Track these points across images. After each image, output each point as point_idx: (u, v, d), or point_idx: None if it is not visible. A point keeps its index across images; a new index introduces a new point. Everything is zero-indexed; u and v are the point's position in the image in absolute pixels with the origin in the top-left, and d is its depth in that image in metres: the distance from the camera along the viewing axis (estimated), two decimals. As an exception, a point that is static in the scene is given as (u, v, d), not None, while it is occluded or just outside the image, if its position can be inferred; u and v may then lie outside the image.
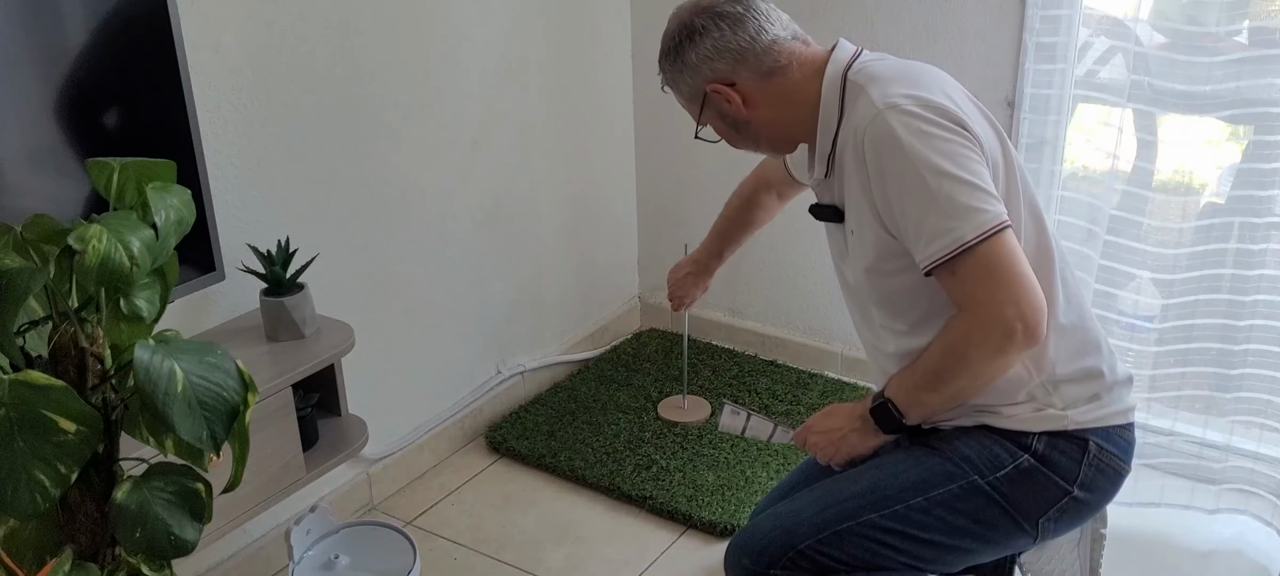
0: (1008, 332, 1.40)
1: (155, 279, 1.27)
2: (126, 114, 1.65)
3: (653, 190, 3.08)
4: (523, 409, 2.77)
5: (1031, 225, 1.53)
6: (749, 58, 1.54)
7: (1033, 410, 1.54)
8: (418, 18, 2.29)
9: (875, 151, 1.44)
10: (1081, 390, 1.56)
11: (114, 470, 1.23)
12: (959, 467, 1.55)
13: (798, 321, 2.95)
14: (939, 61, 2.48)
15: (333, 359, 1.95)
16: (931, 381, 1.50)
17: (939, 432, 1.60)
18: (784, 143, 1.64)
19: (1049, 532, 1.59)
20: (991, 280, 1.40)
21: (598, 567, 2.23)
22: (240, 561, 2.15)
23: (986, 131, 1.49)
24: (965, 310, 1.44)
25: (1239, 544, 2.22)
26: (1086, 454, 1.54)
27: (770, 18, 1.56)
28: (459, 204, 2.51)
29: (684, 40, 1.56)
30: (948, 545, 1.56)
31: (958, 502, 1.54)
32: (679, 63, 1.58)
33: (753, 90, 1.56)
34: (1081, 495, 1.55)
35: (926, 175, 1.40)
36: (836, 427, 1.64)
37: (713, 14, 1.55)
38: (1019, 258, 1.41)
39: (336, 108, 2.16)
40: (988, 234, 1.38)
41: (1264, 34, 2.01)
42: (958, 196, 1.39)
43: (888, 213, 1.46)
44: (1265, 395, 2.19)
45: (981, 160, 1.43)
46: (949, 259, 1.40)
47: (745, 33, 1.53)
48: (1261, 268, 2.11)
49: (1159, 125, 2.18)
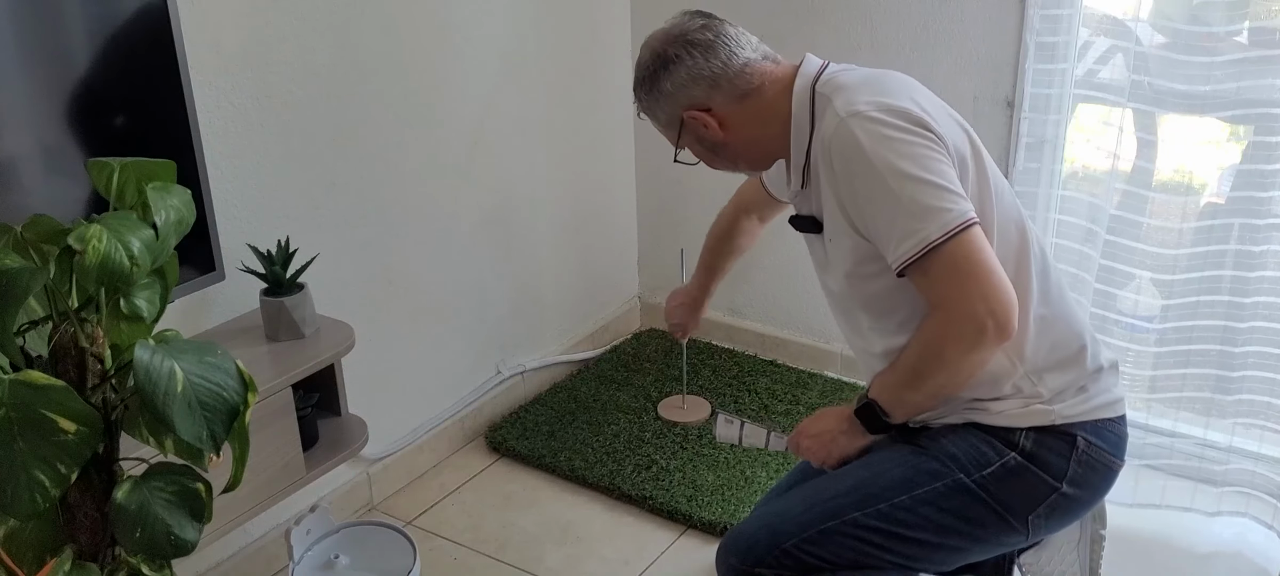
0: (979, 328, 1.43)
1: (155, 279, 1.27)
2: (126, 114, 1.65)
3: (652, 190, 3.08)
4: (523, 409, 2.77)
5: (1005, 220, 1.55)
6: (723, 82, 1.57)
7: (1020, 405, 1.56)
8: (418, 18, 2.29)
9: (842, 159, 1.47)
10: (1065, 379, 1.57)
11: (114, 470, 1.23)
12: (945, 466, 1.56)
13: (798, 321, 2.95)
14: (939, 61, 2.50)
15: (333, 359, 1.95)
16: (911, 380, 1.52)
17: (928, 431, 1.62)
18: (761, 161, 1.67)
19: (1041, 530, 1.59)
20: (960, 277, 1.42)
21: (598, 567, 2.23)
22: (240, 561, 2.15)
23: (953, 131, 1.51)
24: (938, 308, 1.46)
25: (1239, 546, 2.21)
26: (1075, 450, 1.55)
27: (740, 42, 1.60)
28: (459, 203, 2.51)
29: (658, 70, 1.59)
30: (935, 543, 1.57)
31: (943, 501, 1.55)
32: (655, 92, 1.61)
33: (728, 113, 1.59)
34: (1071, 491, 1.56)
35: (890, 179, 1.43)
36: (826, 431, 1.66)
37: (684, 42, 1.58)
38: (987, 254, 1.43)
39: (336, 108, 2.16)
40: (954, 232, 1.41)
41: (1264, 34, 2.01)
42: (921, 198, 1.42)
43: (859, 218, 1.49)
44: (1266, 397, 2.19)
45: (946, 160, 1.46)
46: (918, 259, 1.43)
47: (717, 59, 1.57)
48: (1262, 269, 2.11)
49: (1159, 125, 2.18)
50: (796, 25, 2.64)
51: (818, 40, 2.61)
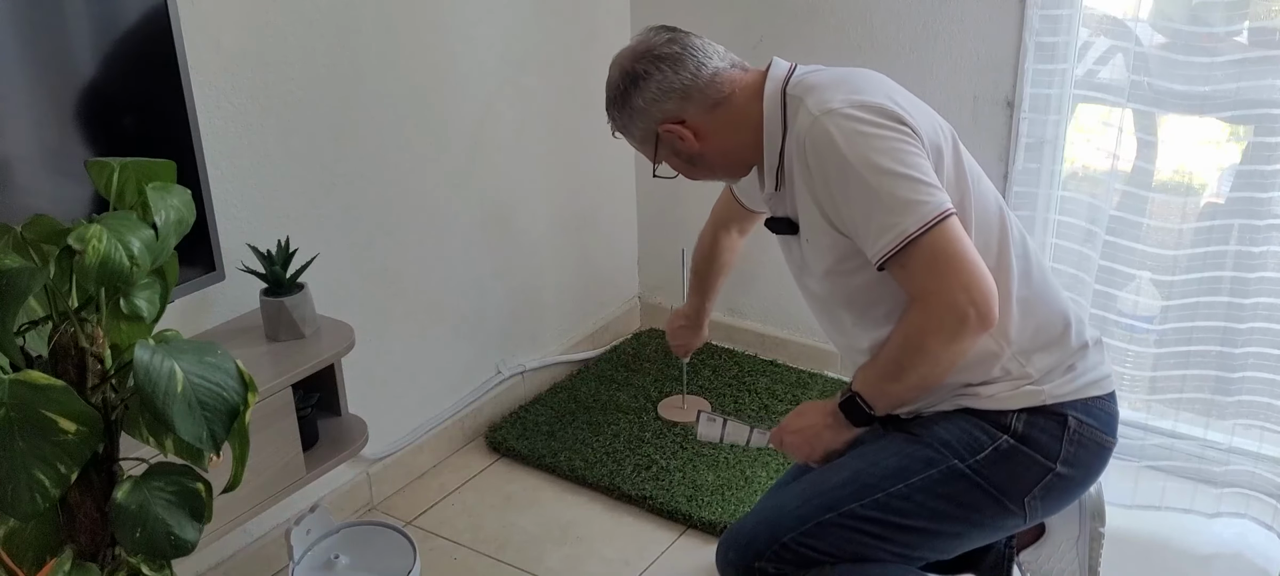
0: (961, 318, 1.44)
1: (155, 279, 1.27)
2: (126, 114, 1.65)
3: (652, 190, 3.08)
4: (523, 409, 2.77)
5: (983, 207, 1.56)
6: (694, 94, 1.59)
7: (1010, 388, 1.57)
8: (418, 18, 2.29)
9: (817, 157, 1.49)
10: (1053, 359, 1.58)
11: (114, 470, 1.23)
12: (939, 453, 1.57)
13: (797, 321, 2.95)
14: (939, 61, 2.50)
15: (333, 359, 1.95)
16: (894, 372, 1.54)
17: (920, 419, 1.63)
18: (738, 167, 1.69)
19: (1037, 512, 1.61)
20: (939, 268, 1.44)
21: (598, 567, 2.23)
22: (240, 561, 2.15)
23: (928, 123, 1.53)
24: (918, 300, 1.48)
25: (1239, 547, 2.21)
26: (1066, 429, 1.56)
27: (707, 52, 1.61)
28: (459, 203, 2.51)
29: (629, 87, 1.61)
30: (933, 530, 1.58)
31: (939, 487, 1.56)
32: (627, 109, 1.63)
33: (702, 123, 1.61)
34: (1065, 471, 1.57)
35: (866, 174, 1.44)
36: (810, 425, 1.67)
37: (652, 58, 1.60)
38: (965, 244, 1.45)
39: (336, 107, 2.16)
40: (931, 224, 1.42)
41: (1264, 34, 2.01)
42: (898, 191, 1.43)
43: (836, 215, 1.51)
44: (1266, 398, 2.19)
45: (922, 153, 1.47)
46: (897, 252, 1.44)
47: (686, 71, 1.58)
48: (1262, 270, 2.11)
49: (1159, 125, 2.18)
50: (796, 26, 2.64)
51: (817, 41, 2.61)
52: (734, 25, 2.70)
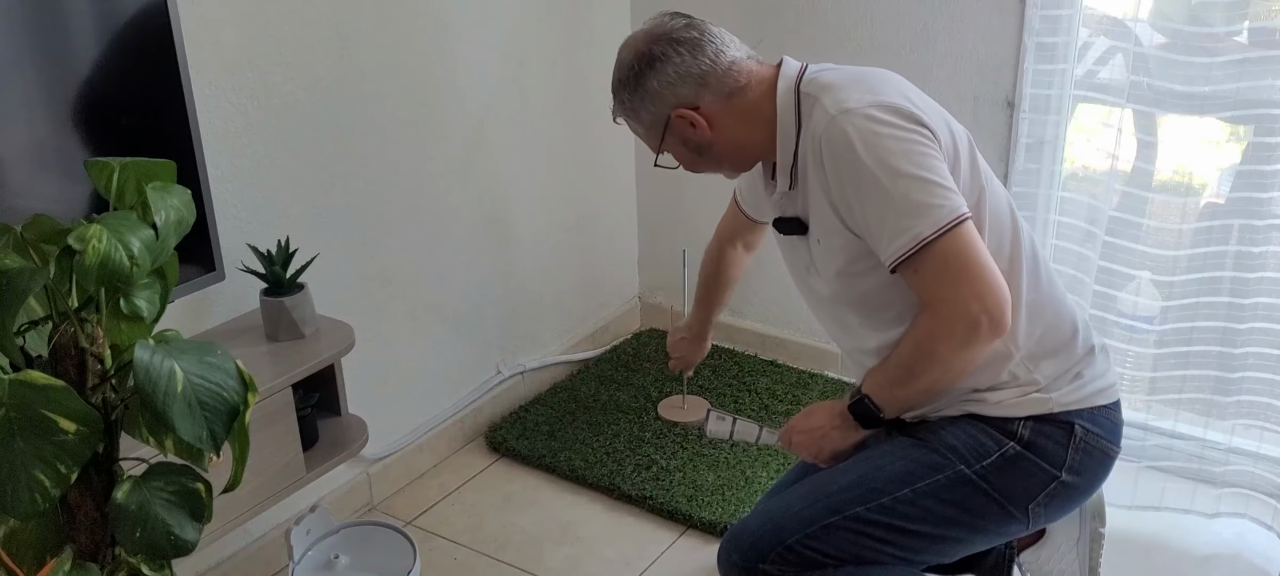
0: (973, 325, 1.43)
1: (155, 279, 1.27)
2: (126, 113, 1.65)
3: (652, 190, 3.08)
4: (523, 409, 2.77)
5: (997, 210, 1.56)
6: (711, 80, 1.56)
7: (1017, 394, 1.56)
8: (418, 18, 2.29)
9: (833, 157, 1.47)
10: (1060, 365, 1.58)
11: (114, 470, 1.23)
12: (945, 458, 1.56)
13: (798, 321, 2.95)
14: (939, 61, 2.50)
15: (333, 359, 1.95)
16: (904, 377, 1.53)
17: (927, 423, 1.62)
18: (745, 161, 1.67)
19: (1041, 519, 1.60)
20: (953, 274, 1.42)
21: (598, 567, 2.23)
22: (240, 561, 2.15)
23: (942, 124, 1.51)
24: (930, 306, 1.47)
25: (1239, 546, 2.21)
26: (1073, 437, 1.56)
27: (725, 40, 1.59)
28: (459, 203, 2.51)
29: (644, 68, 1.57)
30: (937, 535, 1.57)
31: (944, 493, 1.56)
32: (640, 92, 1.59)
33: (716, 112, 1.58)
34: (1070, 479, 1.57)
35: (882, 176, 1.43)
36: (818, 426, 1.66)
37: (670, 41, 1.56)
38: (979, 249, 1.44)
39: (337, 108, 2.16)
40: (946, 228, 1.41)
41: (1264, 34, 2.01)
42: (914, 194, 1.42)
43: (850, 216, 1.49)
44: (1266, 398, 2.19)
45: (939, 155, 1.46)
46: (911, 255, 1.43)
47: (706, 56, 1.56)
48: (1262, 270, 2.11)
49: (1159, 126, 2.18)
50: (796, 25, 2.64)
51: (817, 41, 2.61)
52: (734, 26, 2.67)
